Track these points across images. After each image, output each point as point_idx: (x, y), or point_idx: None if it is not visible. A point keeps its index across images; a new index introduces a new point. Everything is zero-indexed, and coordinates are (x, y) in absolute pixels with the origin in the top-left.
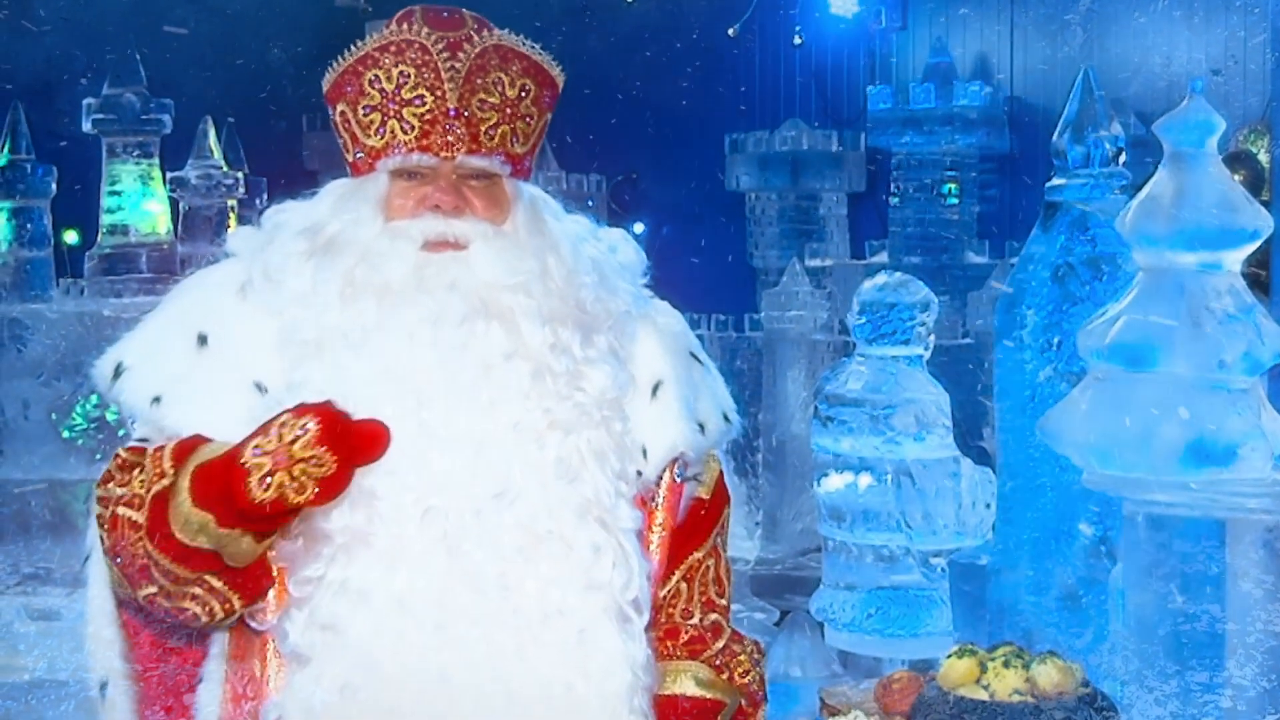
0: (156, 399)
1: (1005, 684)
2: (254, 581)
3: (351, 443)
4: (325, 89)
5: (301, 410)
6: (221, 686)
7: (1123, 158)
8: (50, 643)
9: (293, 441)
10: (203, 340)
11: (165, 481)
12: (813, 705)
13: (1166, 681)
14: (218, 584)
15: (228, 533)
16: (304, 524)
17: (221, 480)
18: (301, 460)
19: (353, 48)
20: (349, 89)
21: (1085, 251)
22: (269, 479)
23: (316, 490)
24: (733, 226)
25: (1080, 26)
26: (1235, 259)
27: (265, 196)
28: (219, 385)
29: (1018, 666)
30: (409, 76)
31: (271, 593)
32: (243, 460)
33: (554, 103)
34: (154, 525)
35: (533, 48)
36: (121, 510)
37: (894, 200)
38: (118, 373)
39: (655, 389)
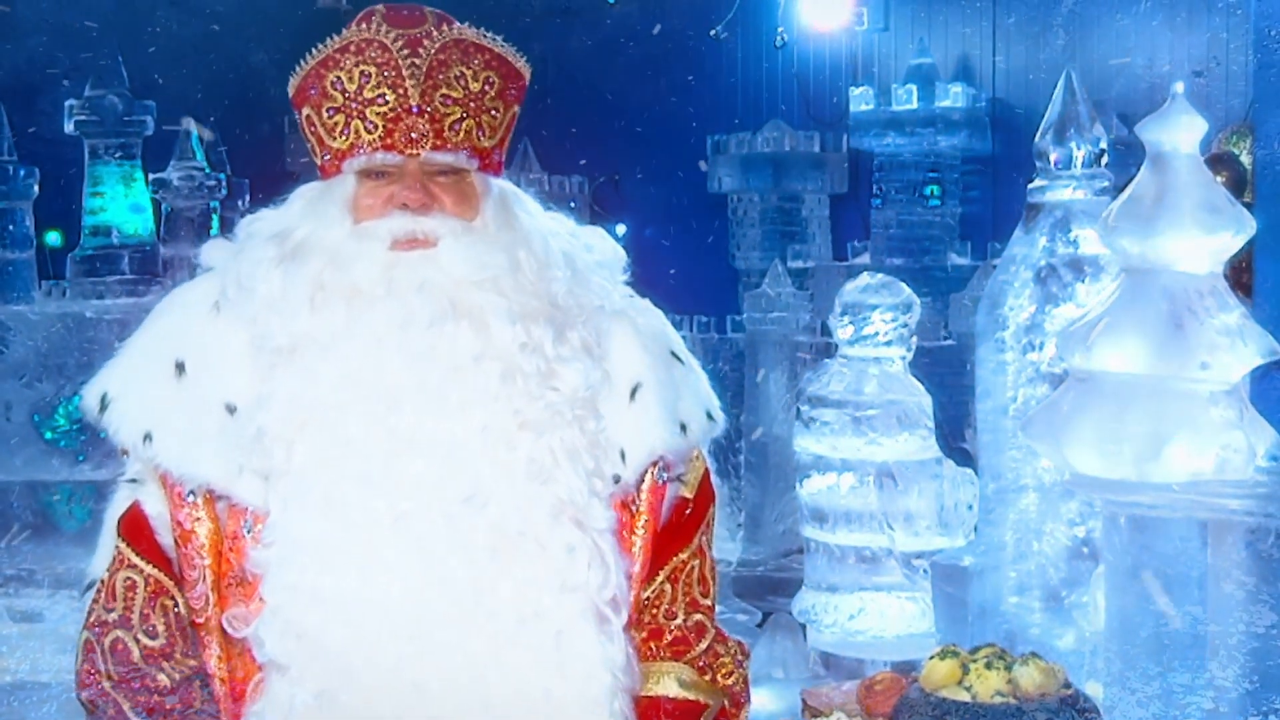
0: (148, 436)
1: (987, 685)
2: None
3: None
4: (291, 94)
5: None
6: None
7: (1105, 159)
8: (32, 644)
9: None
10: (180, 368)
11: None
12: (795, 707)
13: (1149, 683)
14: None
15: None
16: (277, 531)
17: None
18: None
19: (314, 50)
20: (313, 92)
21: (1067, 253)
22: None
23: None
24: (715, 228)
25: (1062, 28)
26: (1217, 260)
27: (248, 198)
28: (200, 413)
29: (1000, 668)
30: (370, 76)
31: (251, 602)
32: None
33: (521, 95)
34: None
35: (495, 40)
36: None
37: (876, 202)
38: (104, 404)
39: (634, 391)
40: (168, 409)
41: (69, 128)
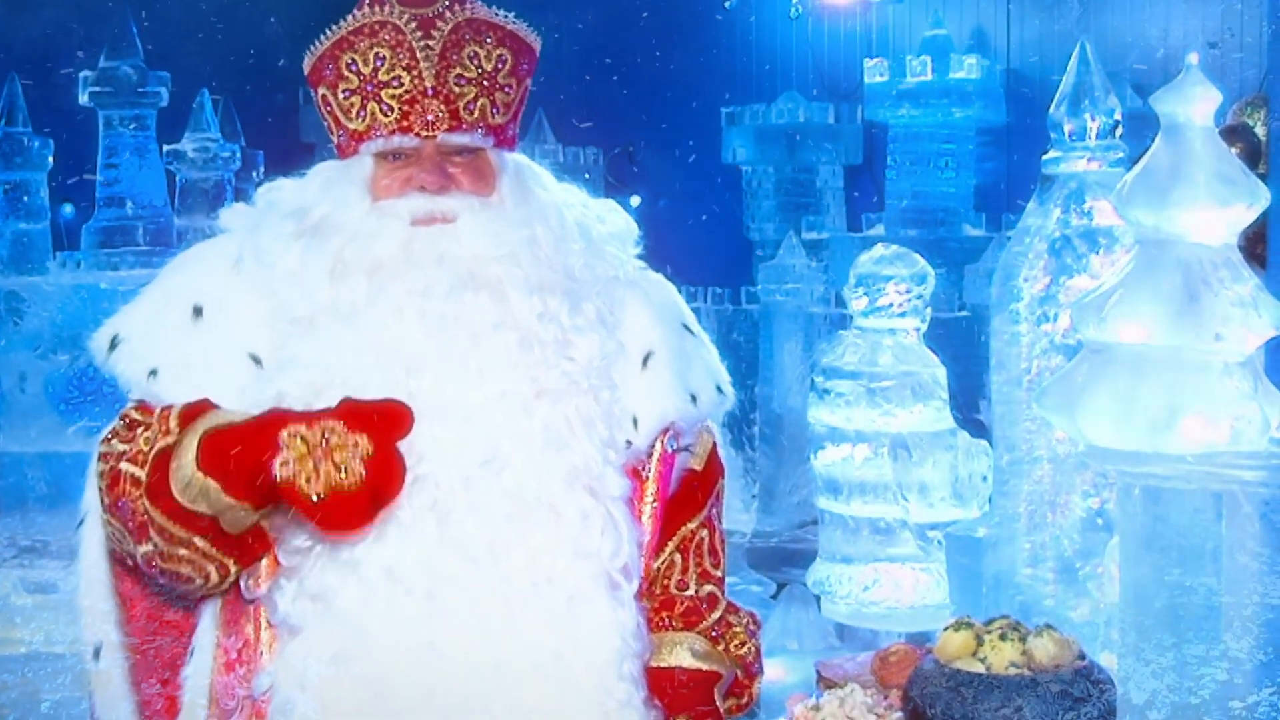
0: (153, 372)
1: (1002, 657)
2: (248, 547)
3: (381, 423)
4: (306, 72)
5: (325, 415)
6: (212, 656)
7: (1119, 130)
8: (47, 615)
9: (326, 438)
10: (198, 312)
11: (168, 440)
12: (809, 678)
13: (1163, 654)
14: (209, 548)
15: (231, 502)
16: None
17: (237, 451)
18: (338, 449)
19: (329, 31)
20: (328, 73)
21: (1081, 224)
22: (313, 472)
23: (363, 472)
24: (729, 199)
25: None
26: (1232, 232)
27: (262, 169)
28: (214, 357)
29: (1014, 639)
30: (384, 58)
31: (263, 562)
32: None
33: (533, 69)
34: (154, 483)
35: (507, 17)
36: (124, 466)
37: (890, 173)
38: (113, 344)
39: (646, 359)
40: (180, 348)
41: (83, 99)
